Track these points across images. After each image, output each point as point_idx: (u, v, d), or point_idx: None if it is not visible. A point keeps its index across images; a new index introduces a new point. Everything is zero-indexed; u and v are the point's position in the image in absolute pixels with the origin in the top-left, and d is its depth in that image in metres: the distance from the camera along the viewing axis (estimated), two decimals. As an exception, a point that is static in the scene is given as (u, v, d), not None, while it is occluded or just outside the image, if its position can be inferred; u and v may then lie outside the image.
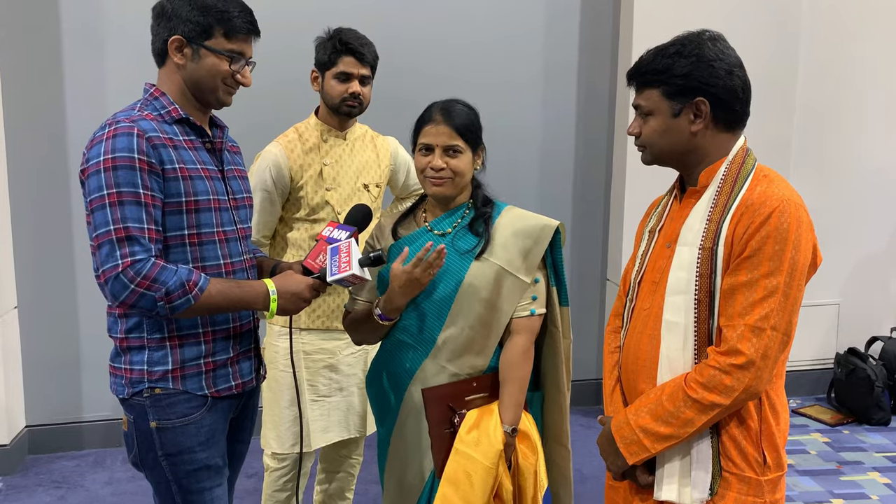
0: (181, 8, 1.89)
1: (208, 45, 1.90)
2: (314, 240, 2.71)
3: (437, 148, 2.07)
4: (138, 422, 1.93)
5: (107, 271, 1.77)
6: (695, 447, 1.72)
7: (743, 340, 1.62)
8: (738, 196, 1.70)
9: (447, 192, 2.10)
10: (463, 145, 2.08)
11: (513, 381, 2.10)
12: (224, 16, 1.89)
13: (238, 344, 2.04)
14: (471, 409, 2.10)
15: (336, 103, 2.70)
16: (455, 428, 2.08)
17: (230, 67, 1.92)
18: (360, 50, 2.67)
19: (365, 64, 2.70)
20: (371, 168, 2.85)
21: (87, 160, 1.82)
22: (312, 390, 2.77)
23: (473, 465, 2.02)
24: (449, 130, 2.06)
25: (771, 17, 4.23)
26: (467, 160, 2.09)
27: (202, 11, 1.88)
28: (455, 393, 2.10)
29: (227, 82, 1.95)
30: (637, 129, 1.81)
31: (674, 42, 1.76)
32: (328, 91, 2.71)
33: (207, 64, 1.91)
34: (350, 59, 2.67)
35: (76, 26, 3.74)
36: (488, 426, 2.07)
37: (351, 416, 2.84)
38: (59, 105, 3.78)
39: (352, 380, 2.82)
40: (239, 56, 1.94)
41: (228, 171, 2.06)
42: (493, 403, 2.12)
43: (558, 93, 4.35)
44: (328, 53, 2.68)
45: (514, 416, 2.09)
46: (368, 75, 2.73)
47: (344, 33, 2.69)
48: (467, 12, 4.16)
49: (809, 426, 4.36)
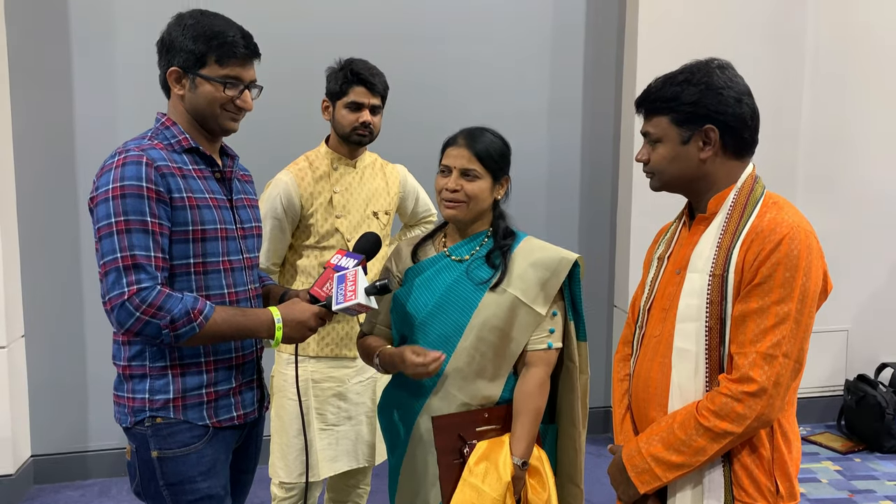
0: (177, 39, 1.91)
1: (203, 73, 1.91)
2: (324, 267, 2.71)
3: (454, 170, 2.08)
4: (140, 451, 1.93)
5: (113, 298, 1.78)
6: (707, 476, 1.70)
7: (755, 368, 1.61)
8: (747, 223, 1.70)
9: (459, 216, 2.10)
10: (480, 170, 2.07)
11: (526, 413, 2.08)
12: (214, 42, 1.90)
13: (240, 374, 2.03)
14: (481, 441, 2.08)
15: (347, 132, 2.72)
16: (464, 458, 2.06)
17: (225, 93, 1.93)
18: (371, 80, 2.70)
19: (375, 94, 2.72)
20: (380, 196, 2.86)
21: (97, 188, 1.83)
22: (321, 419, 2.75)
23: (481, 498, 1.99)
24: (468, 154, 2.07)
25: (775, 44, 4.25)
26: (484, 186, 2.08)
27: (195, 40, 1.90)
28: (466, 422, 2.07)
29: (227, 108, 1.95)
30: (646, 156, 1.81)
31: (682, 70, 1.77)
32: (339, 120, 2.73)
33: (204, 92, 1.92)
34: (361, 89, 2.69)
35: (86, 64, 3.78)
36: (498, 458, 2.04)
37: (360, 445, 2.82)
38: (69, 134, 3.80)
39: (360, 408, 2.81)
40: (235, 81, 1.94)
41: (237, 200, 2.06)
42: (504, 436, 2.09)
43: (564, 121, 4.37)
44: (339, 83, 2.70)
45: (526, 449, 2.06)
46: (379, 105, 2.75)
47: (355, 63, 2.71)
48: (474, 39, 4.18)
49: (820, 454, 4.32)
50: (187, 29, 1.90)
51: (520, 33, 4.25)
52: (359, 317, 2.74)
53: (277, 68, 2.09)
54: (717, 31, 4.15)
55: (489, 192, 2.10)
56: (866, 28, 4.51)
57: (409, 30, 4.10)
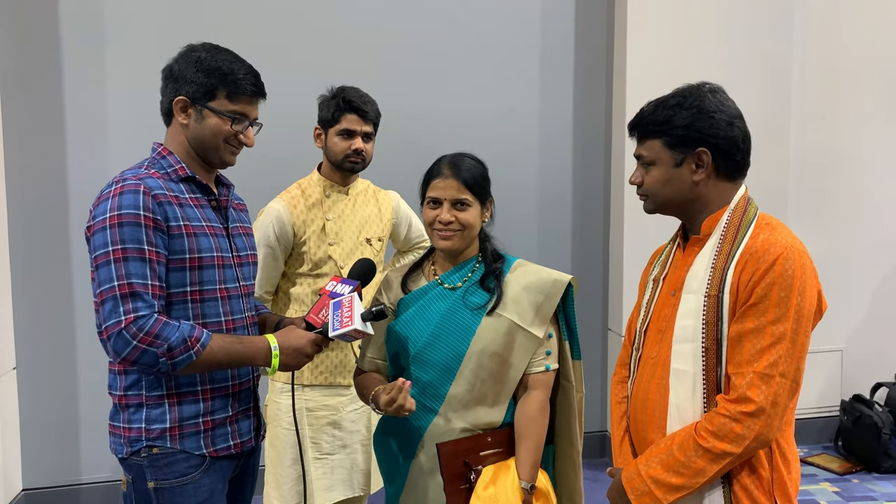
0: (187, 70, 1.93)
1: (211, 105, 1.93)
2: (317, 294, 2.70)
3: (445, 202, 2.08)
4: (136, 482, 1.91)
5: (109, 327, 1.77)
6: (707, 497, 1.70)
7: (752, 388, 1.62)
8: (741, 243, 1.72)
9: (456, 246, 2.10)
10: (471, 198, 2.08)
11: (530, 437, 2.08)
12: (228, 78, 1.93)
13: (237, 402, 2.02)
14: (486, 465, 2.07)
15: (339, 160, 2.74)
16: (471, 484, 2.05)
17: (231, 128, 1.95)
18: (363, 108, 2.72)
19: (368, 121, 2.74)
20: (373, 222, 2.87)
21: (94, 217, 1.83)
22: (316, 448, 2.73)
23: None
24: (457, 184, 2.08)
25: (763, 68, 4.29)
26: (475, 213, 2.10)
27: (207, 73, 1.92)
28: (470, 448, 2.06)
29: (230, 142, 1.97)
30: (639, 179, 1.83)
31: (675, 94, 1.79)
32: (331, 148, 2.75)
33: (210, 124, 1.94)
34: (353, 117, 2.71)
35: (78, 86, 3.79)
36: (506, 482, 2.03)
37: (355, 474, 2.80)
38: (61, 165, 3.80)
39: (355, 436, 2.79)
40: (241, 117, 1.96)
41: (233, 229, 2.07)
42: (509, 459, 2.09)
43: (555, 147, 4.38)
44: (332, 111, 2.73)
45: (532, 472, 2.06)
46: (371, 132, 2.77)
47: (347, 91, 2.74)
48: (464, 62, 4.22)
49: (818, 475, 4.30)
50: (200, 62, 1.92)
51: (511, 59, 4.29)
52: (353, 345, 2.74)
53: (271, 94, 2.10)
54: (706, 56, 4.20)
55: (479, 218, 2.12)
56: (852, 51, 4.56)
57: (399, 60, 4.12)
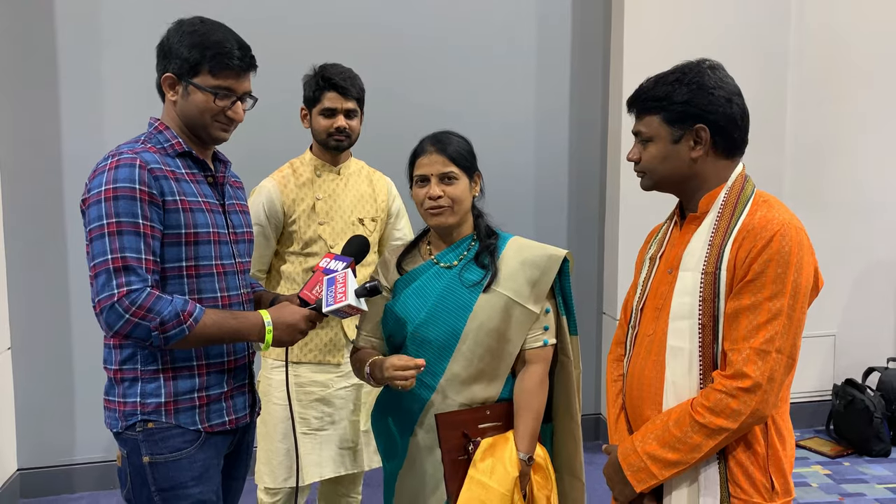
0: (176, 45, 1.91)
1: (195, 81, 1.90)
2: (308, 272, 2.69)
3: (432, 177, 2.08)
4: (131, 457, 1.91)
5: (102, 300, 1.77)
6: (702, 473, 1.70)
7: (748, 363, 1.62)
8: (738, 221, 1.71)
9: (448, 221, 2.10)
10: (458, 172, 2.09)
11: (528, 409, 2.09)
12: (209, 52, 1.89)
13: (232, 378, 2.02)
14: (485, 438, 2.08)
15: (324, 138, 2.73)
16: (469, 455, 2.06)
17: (216, 104, 1.92)
18: (343, 84, 2.69)
19: (349, 98, 2.71)
20: (366, 203, 2.85)
21: (89, 190, 1.82)
22: (304, 423, 2.74)
23: (489, 494, 2.00)
24: (442, 158, 2.08)
25: (759, 50, 4.28)
26: (464, 187, 2.10)
27: (190, 48, 1.89)
28: (469, 420, 2.08)
29: (217, 119, 1.94)
30: (637, 156, 1.83)
31: (674, 70, 1.78)
32: (315, 127, 2.74)
33: (195, 101, 1.92)
34: (333, 95, 2.69)
35: (74, 68, 3.76)
36: (504, 454, 2.05)
37: (345, 451, 2.80)
38: (55, 142, 3.77)
39: (344, 413, 2.79)
40: (227, 92, 1.93)
41: (230, 206, 2.06)
42: (508, 432, 2.10)
43: (551, 128, 4.38)
44: (313, 90, 2.71)
45: (531, 444, 2.08)
46: (354, 109, 2.74)
47: (327, 69, 2.71)
48: (460, 43, 4.20)
49: (810, 458, 4.33)
50: (185, 36, 1.90)
51: (507, 40, 4.27)
52: (343, 324, 2.73)
53: (267, 75, 2.08)
54: (702, 42, 4.18)
55: (468, 192, 2.12)
56: (849, 37, 4.56)
57: (396, 43, 4.10)
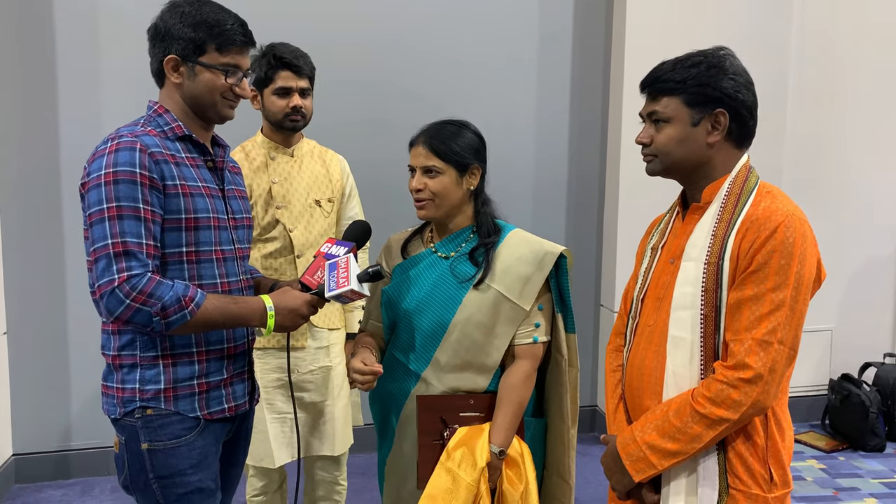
0: (173, 27, 1.88)
1: (202, 61, 1.89)
2: (268, 259, 2.68)
3: (417, 169, 2.07)
4: (129, 443, 1.90)
5: (102, 286, 1.74)
6: (701, 464, 1.70)
7: (750, 354, 1.61)
8: (742, 211, 1.70)
9: (429, 215, 2.09)
10: (441, 165, 2.05)
11: (509, 403, 2.06)
12: (215, 30, 1.88)
13: (232, 365, 2.00)
14: (462, 426, 2.07)
15: (279, 119, 2.68)
16: (444, 441, 2.05)
17: (226, 81, 1.91)
18: (296, 63, 2.65)
19: (302, 76, 2.68)
20: (321, 183, 2.80)
21: (89, 174, 1.80)
22: (271, 408, 2.74)
23: (456, 483, 1.99)
24: (425, 151, 2.06)
25: (760, 46, 4.27)
26: (448, 181, 2.06)
27: (194, 28, 1.88)
28: (450, 406, 2.07)
29: (226, 96, 1.94)
30: (648, 138, 1.79)
31: (695, 54, 1.77)
32: (269, 108, 2.69)
33: (204, 80, 1.90)
34: (287, 73, 2.65)
35: (70, 59, 3.74)
36: (476, 444, 2.03)
37: (315, 433, 2.80)
38: (53, 124, 3.76)
39: (314, 396, 2.78)
40: (234, 69, 1.92)
41: (229, 191, 2.04)
42: (486, 424, 2.08)
43: (550, 120, 4.37)
44: (264, 70, 2.65)
45: (505, 438, 2.05)
46: (307, 87, 2.71)
47: (277, 48, 2.67)
48: (460, 34, 4.18)
49: (805, 452, 4.34)
50: (185, 17, 1.88)
51: (508, 31, 4.25)
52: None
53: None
54: (704, 34, 4.15)
55: (454, 186, 2.07)
56: (849, 35, 4.55)
57: (397, 42, 4.08)
